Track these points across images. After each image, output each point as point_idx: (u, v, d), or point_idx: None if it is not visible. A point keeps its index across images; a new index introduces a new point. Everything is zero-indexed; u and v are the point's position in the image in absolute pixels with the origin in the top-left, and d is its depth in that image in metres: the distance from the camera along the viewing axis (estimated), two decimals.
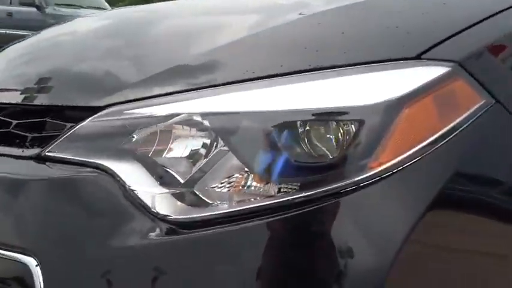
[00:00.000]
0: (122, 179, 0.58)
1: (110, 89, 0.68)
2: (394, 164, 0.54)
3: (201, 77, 0.66)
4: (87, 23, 1.27)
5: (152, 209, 0.56)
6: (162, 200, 0.57)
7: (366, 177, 0.53)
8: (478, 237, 0.60)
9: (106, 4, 8.17)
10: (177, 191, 0.57)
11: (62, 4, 6.97)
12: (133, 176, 0.58)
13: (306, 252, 0.54)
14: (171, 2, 1.39)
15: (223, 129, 0.58)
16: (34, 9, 6.67)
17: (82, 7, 7.06)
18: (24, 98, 0.75)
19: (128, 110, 0.63)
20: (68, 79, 0.79)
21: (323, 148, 0.55)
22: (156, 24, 1.01)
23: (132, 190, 0.57)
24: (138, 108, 0.63)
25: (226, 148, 0.57)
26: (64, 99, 0.71)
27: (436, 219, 0.55)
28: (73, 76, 0.80)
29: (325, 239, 0.54)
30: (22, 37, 1.27)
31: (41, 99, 0.73)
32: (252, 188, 0.56)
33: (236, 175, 0.57)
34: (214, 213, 0.56)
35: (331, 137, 0.55)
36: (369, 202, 0.53)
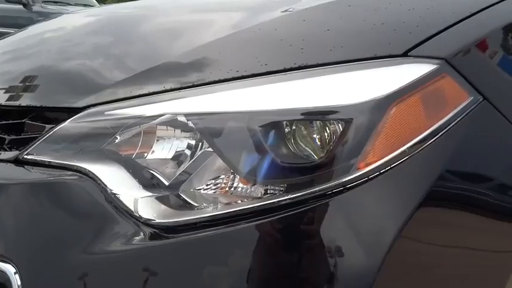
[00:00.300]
0: (103, 183, 0.56)
1: (91, 89, 0.67)
2: (382, 164, 0.53)
3: (185, 76, 0.64)
4: (72, 20, 1.24)
5: (135, 213, 0.54)
6: (145, 204, 0.55)
7: (353, 178, 0.52)
8: (468, 234, 0.60)
9: (94, 1, 8.06)
10: (161, 194, 0.56)
11: (49, 1, 6.86)
12: (116, 179, 0.56)
13: (295, 255, 0.52)
14: None
15: (208, 130, 0.56)
16: (21, 7, 6.55)
17: (70, 4, 6.95)
18: (3, 99, 0.73)
19: (109, 110, 0.61)
20: (49, 78, 0.77)
21: (309, 148, 0.54)
22: (141, 22, 0.99)
23: (114, 194, 0.55)
24: (120, 108, 0.61)
25: (211, 149, 0.56)
26: (43, 100, 0.69)
27: (425, 218, 0.54)
28: (54, 75, 0.78)
29: (313, 241, 0.52)
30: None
31: (19, 100, 0.71)
32: (239, 189, 0.55)
33: (222, 176, 0.56)
34: (200, 216, 0.54)
35: (318, 137, 0.54)
36: (357, 203, 0.52)
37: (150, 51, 0.78)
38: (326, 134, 0.54)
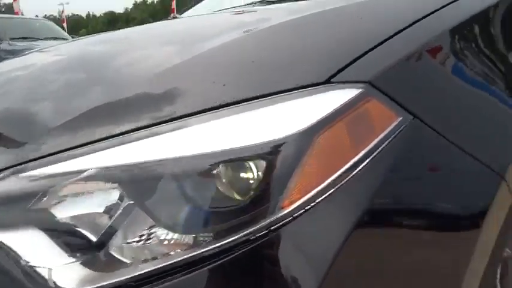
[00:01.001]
0: (18, 255, 0.52)
1: (12, 145, 0.63)
2: (308, 200, 0.51)
3: (106, 126, 0.61)
4: (18, 64, 1.20)
5: (51, 285, 0.51)
6: (67, 271, 0.52)
7: (278, 218, 0.50)
8: (404, 255, 0.57)
9: (65, 34, 7.99)
10: (86, 257, 0.52)
11: (17, 38, 6.78)
12: (33, 248, 0.53)
13: None
14: (128, 30, 1.36)
15: (130, 182, 0.54)
16: None
17: (39, 39, 6.88)
18: None
19: (25, 171, 0.58)
20: None
21: (233, 191, 0.52)
22: (94, 61, 0.96)
23: (31, 266, 0.52)
24: (40, 167, 0.58)
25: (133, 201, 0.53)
26: None
27: (358, 247, 0.52)
28: None
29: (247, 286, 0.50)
30: None
31: None
32: (169, 239, 0.52)
33: (150, 228, 0.53)
34: (132, 275, 0.51)
35: (241, 178, 0.52)
36: (284, 244, 0.50)
37: (81, 96, 0.75)
38: (249, 175, 0.52)
